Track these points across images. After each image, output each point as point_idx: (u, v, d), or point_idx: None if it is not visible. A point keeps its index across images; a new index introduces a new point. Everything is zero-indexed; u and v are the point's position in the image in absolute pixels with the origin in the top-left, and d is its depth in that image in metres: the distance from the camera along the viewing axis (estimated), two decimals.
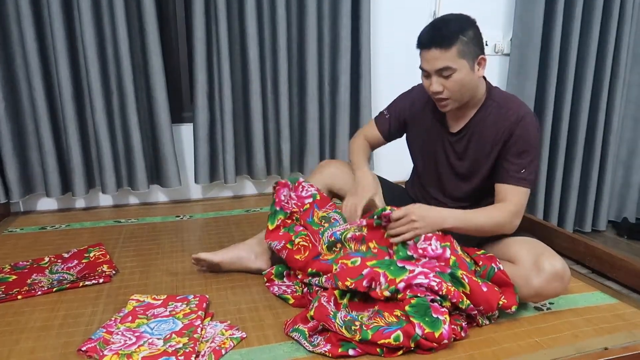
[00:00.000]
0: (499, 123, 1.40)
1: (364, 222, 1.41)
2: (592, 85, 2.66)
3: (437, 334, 1.13)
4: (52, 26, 1.93)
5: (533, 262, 1.30)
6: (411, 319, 1.15)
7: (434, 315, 1.16)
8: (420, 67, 1.39)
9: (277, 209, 1.51)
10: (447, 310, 1.20)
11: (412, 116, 1.60)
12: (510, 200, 1.37)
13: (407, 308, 1.17)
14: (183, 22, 2.28)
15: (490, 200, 1.43)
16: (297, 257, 1.40)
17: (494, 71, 2.66)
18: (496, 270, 1.29)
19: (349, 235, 1.39)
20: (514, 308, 1.27)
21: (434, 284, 1.20)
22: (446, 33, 1.31)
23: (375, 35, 2.38)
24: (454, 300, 1.21)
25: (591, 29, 2.56)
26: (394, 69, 2.48)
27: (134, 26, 2.07)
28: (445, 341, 1.14)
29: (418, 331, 1.12)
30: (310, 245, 1.41)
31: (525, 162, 1.37)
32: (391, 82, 2.46)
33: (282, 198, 1.53)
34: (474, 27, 1.35)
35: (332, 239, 1.37)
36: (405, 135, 1.67)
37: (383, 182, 1.71)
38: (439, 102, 1.40)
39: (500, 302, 1.25)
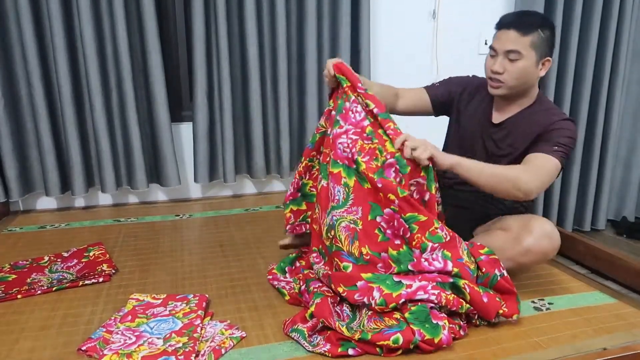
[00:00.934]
0: (539, 122, 1.44)
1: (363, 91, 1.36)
2: (592, 84, 2.66)
3: (436, 340, 1.13)
4: (51, 24, 1.93)
5: (523, 225, 1.36)
6: (411, 325, 1.15)
7: (434, 322, 1.16)
8: (491, 46, 1.45)
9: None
10: (445, 315, 1.20)
11: (460, 100, 1.62)
12: (535, 163, 1.34)
13: (406, 315, 1.17)
14: (182, 20, 2.28)
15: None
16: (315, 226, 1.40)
17: None
18: (499, 278, 1.28)
19: (343, 224, 1.29)
20: (515, 317, 1.26)
21: (433, 297, 1.19)
22: (528, 21, 1.40)
23: (374, 34, 2.38)
24: (454, 309, 1.21)
25: (591, 27, 2.56)
26: (394, 68, 2.48)
27: (134, 25, 2.07)
28: (445, 345, 1.15)
29: (418, 337, 1.13)
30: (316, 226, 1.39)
31: (559, 140, 1.37)
32: (390, 81, 2.44)
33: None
34: (552, 30, 1.43)
35: (331, 223, 1.31)
36: (448, 118, 1.68)
37: None
38: (493, 83, 1.45)
39: (500, 311, 1.24)
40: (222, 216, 2.13)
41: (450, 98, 1.64)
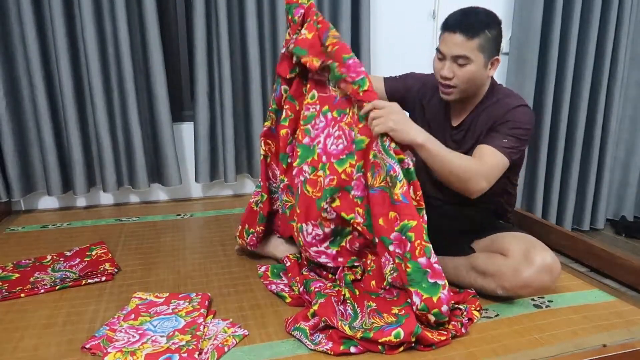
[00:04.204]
0: (494, 114, 1.41)
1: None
2: (591, 85, 2.67)
3: (435, 299, 1.16)
4: (53, 24, 1.93)
5: (524, 255, 1.31)
6: (409, 288, 1.17)
7: (431, 280, 1.19)
8: (438, 49, 1.39)
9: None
10: (445, 276, 1.21)
11: (424, 94, 1.59)
12: (485, 161, 1.33)
13: (405, 278, 1.20)
14: (184, 20, 2.28)
15: (485, 199, 1.46)
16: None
17: None
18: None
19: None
20: (414, 337, 1.14)
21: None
22: (475, 22, 1.33)
23: (374, 34, 2.39)
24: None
25: (590, 29, 2.58)
26: (394, 68, 2.47)
27: (135, 24, 2.07)
28: (445, 337, 1.16)
29: (416, 299, 1.15)
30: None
31: (509, 133, 1.36)
32: None
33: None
34: (499, 28, 1.38)
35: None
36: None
37: None
38: (444, 89, 1.41)
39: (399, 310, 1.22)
40: (223, 215, 2.14)
41: (408, 93, 1.62)
